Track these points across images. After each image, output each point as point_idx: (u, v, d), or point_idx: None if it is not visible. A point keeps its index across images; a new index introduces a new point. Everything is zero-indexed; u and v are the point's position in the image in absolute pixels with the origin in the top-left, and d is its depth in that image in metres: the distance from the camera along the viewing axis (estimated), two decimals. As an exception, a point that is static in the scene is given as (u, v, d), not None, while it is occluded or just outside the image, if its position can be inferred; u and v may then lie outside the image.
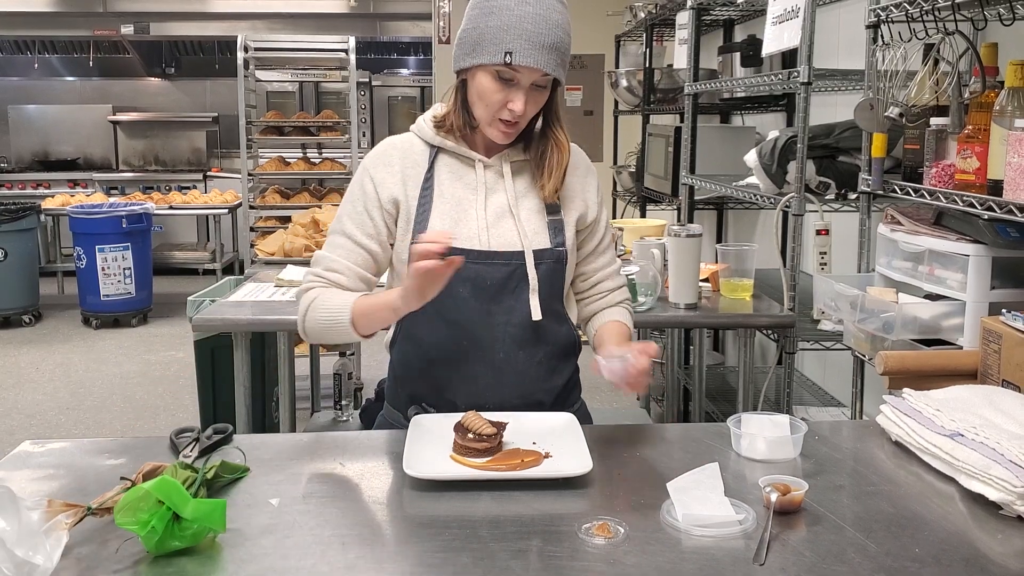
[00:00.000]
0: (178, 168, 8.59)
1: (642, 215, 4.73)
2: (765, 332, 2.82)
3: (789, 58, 3.23)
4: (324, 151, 6.35)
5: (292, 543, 1.18)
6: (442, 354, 1.65)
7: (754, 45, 3.64)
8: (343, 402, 3.77)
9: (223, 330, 2.82)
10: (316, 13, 8.01)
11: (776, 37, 2.70)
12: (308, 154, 6.07)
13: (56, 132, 8.64)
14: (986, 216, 1.79)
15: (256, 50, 5.65)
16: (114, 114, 8.66)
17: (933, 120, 1.98)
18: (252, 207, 5.59)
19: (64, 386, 5.01)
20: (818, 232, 2.62)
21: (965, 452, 1.34)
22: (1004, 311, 1.67)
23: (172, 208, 7.08)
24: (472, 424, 1.44)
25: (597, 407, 4.38)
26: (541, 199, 1.67)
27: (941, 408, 1.46)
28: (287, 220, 4.80)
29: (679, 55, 3.99)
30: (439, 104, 1.71)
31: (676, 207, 3.93)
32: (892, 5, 2.09)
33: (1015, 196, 1.65)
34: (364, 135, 8.16)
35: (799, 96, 2.53)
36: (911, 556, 1.15)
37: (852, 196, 2.55)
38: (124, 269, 6.21)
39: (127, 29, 8.15)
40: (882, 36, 2.20)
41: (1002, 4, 1.85)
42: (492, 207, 1.65)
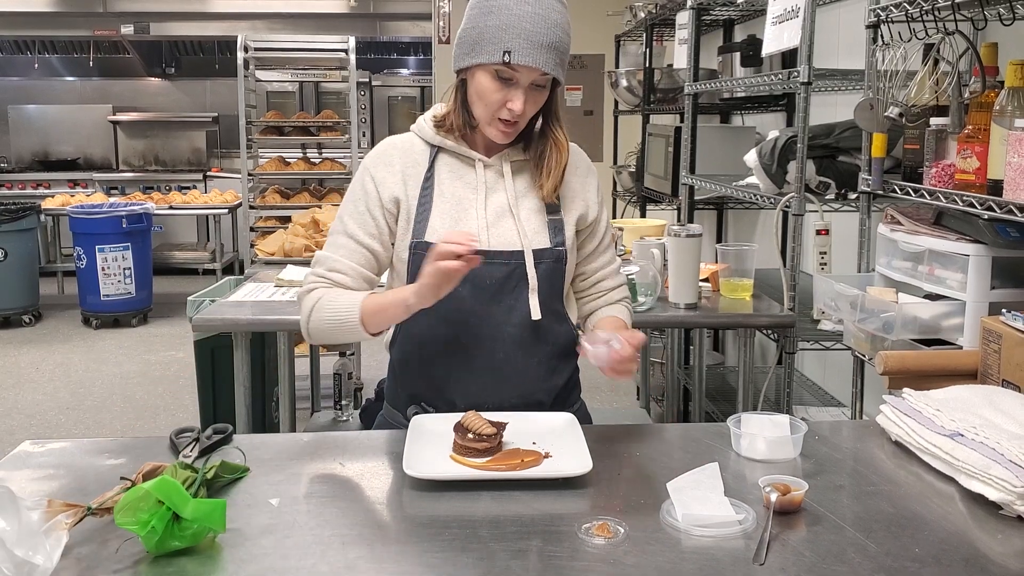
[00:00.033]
0: (178, 168, 8.58)
1: (642, 215, 4.73)
2: (765, 332, 2.82)
3: (789, 58, 3.23)
4: (324, 151, 6.34)
5: (292, 543, 1.18)
6: (442, 353, 1.65)
7: (754, 45, 3.64)
8: (343, 402, 3.77)
9: (223, 330, 2.82)
10: (316, 13, 8.01)
11: (776, 37, 2.70)
12: (308, 154, 6.07)
13: (56, 132, 8.64)
14: (986, 216, 1.79)
15: (256, 50, 5.65)
16: (114, 114, 8.66)
17: (933, 120, 1.98)
18: (252, 207, 5.59)
19: (64, 386, 5.01)
20: (818, 232, 2.62)
21: (965, 452, 1.34)
22: (1004, 311, 1.67)
23: (172, 208, 7.08)
24: (472, 424, 1.44)
25: (597, 407, 4.39)
26: (541, 199, 1.67)
27: (941, 408, 1.46)
28: (287, 220, 4.80)
29: (679, 55, 3.99)
30: (439, 104, 1.71)
31: (676, 207, 3.93)
32: (892, 5, 2.09)
33: (1015, 196, 1.65)
34: (364, 135, 8.16)
35: (799, 96, 2.53)
36: (911, 556, 1.15)
37: (852, 196, 2.55)
38: (124, 269, 6.21)
39: (127, 29, 8.16)
40: (882, 36, 2.20)
41: (1002, 4, 1.85)
42: (492, 207, 1.65)
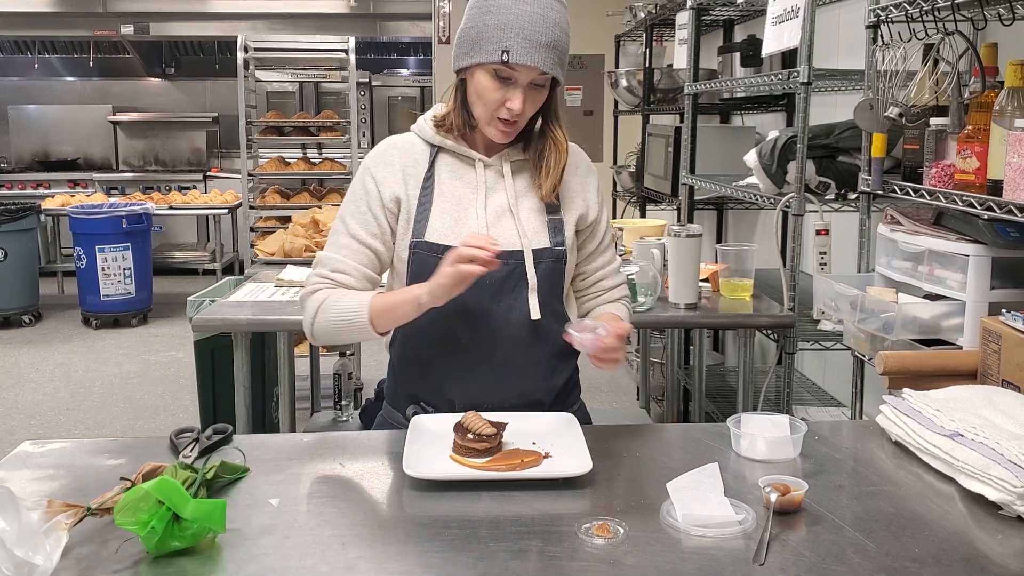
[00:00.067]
0: (178, 168, 8.58)
1: (642, 215, 4.73)
2: (765, 332, 2.82)
3: (789, 58, 3.23)
4: (324, 151, 6.35)
5: (292, 543, 1.18)
6: (441, 353, 1.65)
7: (754, 45, 3.64)
8: (343, 402, 3.77)
9: (223, 330, 2.82)
10: (316, 13, 8.01)
11: (776, 37, 2.70)
12: (308, 154, 6.07)
13: (56, 132, 8.64)
14: (986, 216, 1.79)
15: (256, 50, 5.65)
16: (114, 114, 8.66)
17: (933, 120, 1.98)
18: (252, 207, 5.59)
19: (64, 386, 5.01)
20: (818, 232, 2.62)
21: (965, 452, 1.34)
22: (1004, 311, 1.67)
23: (172, 208, 7.08)
24: (472, 424, 1.44)
25: (597, 407, 4.39)
26: (540, 198, 1.67)
27: (941, 408, 1.46)
28: (287, 220, 4.81)
29: (679, 55, 3.99)
30: (439, 104, 1.71)
31: (676, 207, 3.93)
32: (892, 5, 2.09)
33: (1015, 196, 1.65)
34: (364, 135, 8.16)
35: (799, 96, 2.53)
36: (911, 556, 1.15)
37: (852, 196, 2.55)
38: (124, 269, 6.21)
39: (127, 29, 8.16)
40: (882, 36, 2.20)
41: (1002, 4, 1.85)
42: (492, 206, 1.65)
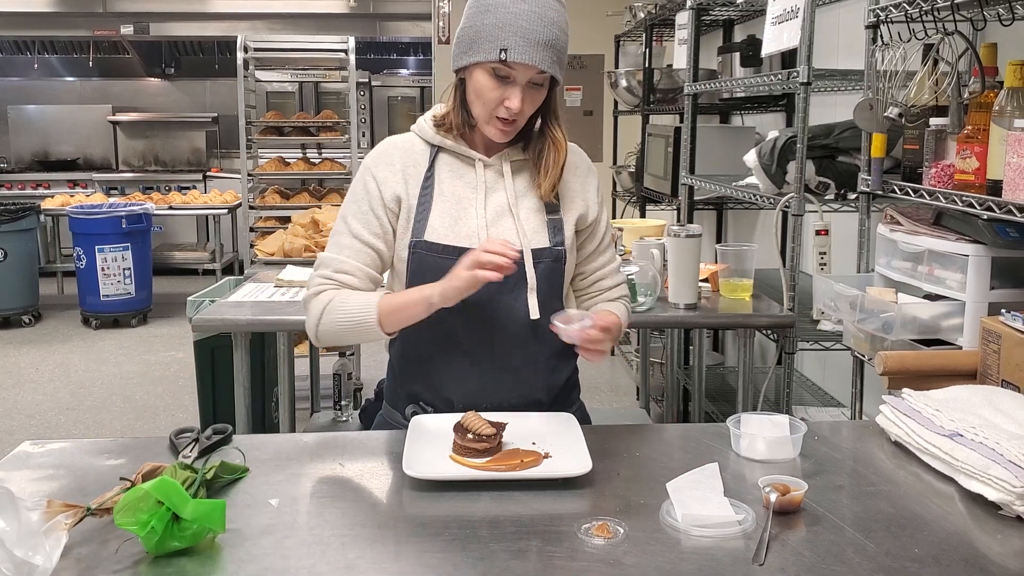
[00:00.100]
0: (178, 168, 8.58)
1: (642, 215, 4.73)
2: (765, 332, 2.82)
3: (789, 58, 3.23)
4: (324, 151, 6.34)
5: (292, 543, 1.18)
6: (440, 353, 1.65)
7: (754, 45, 3.64)
8: (343, 402, 3.77)
9: (223, 330, 2.82)
10: (316, 13, 8.01)
11: (776, 37, 2.70)
12: (308, 154, 6.07)
13: (56, 132, 8.63)
14: (985, 216, 1.79)
15: (256, 50, 5.65)
16: (114, 114, 8.66)
17: (932, 120, 1.98)
18: (252, 207, 5.59)
19: (64, 386, 5.01)
20: (818, 232, 2.62)
21: (964, 452, 1.34)
22: (1003, 311, 1.68)
23: (172, 208, 7.07)
24: (472, 424, 1.45)
25: (597, 407, 4.39)
26: (540, 197, 1.67)
27: (940, 408, 1.46)
28: (287, 220, 4.80)
29: (679, 55, 4.00)
30: (439, 104, 1.71)
31: (676, 207, 3.93)
32: (892, 5, 2.09)
33: (1014, 196, 1.65)
34: (364, 135, 8.16)
35: (799, 96, 2.53)
36: (911, 556, 1.15)
37: (851, 196, 2.55)
38: (124, 269, 6.21)
39: (127, 29, 8.16)
40: (881, 36, 2.20)
41: (1001, 4, 1.85)
42: (492, 206, 1.65)
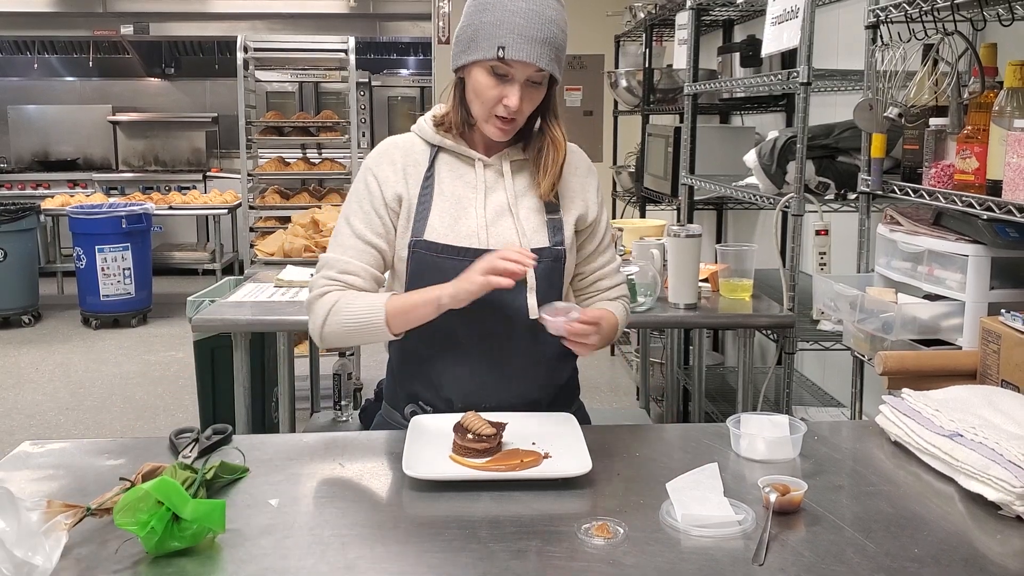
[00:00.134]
0: (178, 168, 8.58)
1: (642, 215, 4.73)
2: (765, 332, 2.82)
3: (788, 58, 3.23)
4: (324, 151, 6.34)
5: (292, 543, 1.18)
6: (440, 352, 1.65)
7: (754, 45, 3.64)
8: (343, 402, 3.77)
9: (223, 330, 2.82)
10: (316, 13, 8.01)
11: (775, 37, 2.70)
12: (308, 154, 6.07)
13: (56, 132, 8.63)
14: (985, 216, 1.79)
15: (256, 50, 5.65)
16: (114, 114, 8.66)
17: (932, 120, 1.98)
18: (252, 207, 5.59)
19: (64, 386, 5.01)
20: (817, 232, 2.62)
21: (964, 452, 1.34)
22: (1003, 311, 1.68)
23: (172, 208, 7.07)
24: (471, 424, 1.45)
25: (597, 407, 4.40)
26: (540, 197, 1.67)
27: (940, 408, 1.47)
28: (287, 220, 4.80)
29: (679, 55, 4.00)
30: (440, 104, 1.71)
31: (676, 207, 3.93)
32: (891, 5, 2.09)
33: (1014, 196, 1.65)
34: (364, 135, 8.16)
35: (798, 96, 2.53)
36: (910, 556, 1.15)
37: (851, 196, 2.55)
38: (124, 269, 6.21)
39: (127, 29, 8.16)
40: (881, 36, 2.20)
41: (1001, 4, 1.85)
42: (492, 206, 1.65)
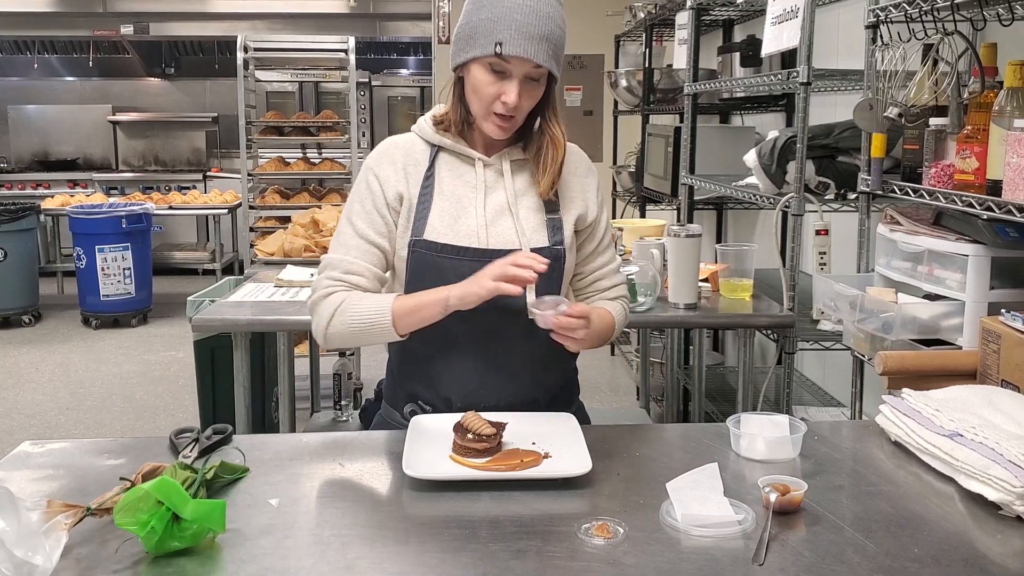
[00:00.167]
0: (178, 168, 8.58)
1: (642, 215, 4.73)
2: (765, 332, 2.82)
3: (788, 58, 3.23)
4: (324, 151, 6.35)
5: (292, 543, 1.18)
6: (439, 352, 1.65)
7: (753, 45, 3.64)
8: (343, 402, 3.77)
9: (223, 330, 2.82)
10: (316, 13, 8.01)
11: (775, 37, 2.70)
12: (308, 154, 6.07)
13: (56, 132, 8.63)
14: (985, 216, 1.79)
15: (256, 50, 5.65)
16: (114, 114, 8.66)
17: (932, 120, 1.98)
18: (252, 207, 5.59)
19: (64, 386, 5.01)
20: (817, 232, 2.62)
21: (964, 452, 1.34)
22: (1003, 311, 1.68)
23: (172, 208, 7.07)
24: (471, 424, 1.45)
25: (597, 407, 4.40)
26: (539, 195, 1.67)
27: (940, 408, 1.47)
28: (287, 220, 4.80)
29: (679, 55, 4.00)
30: (440, 104, 1.71)
31: (676, 207, 3.93)
32: (891, 5, 2.09)
33: (1014, 196, 1.65)
34: (364, 135, 8.16)
35: (798, 96, 2.53)
36: (910, 556, 1.15)
37: (851, 196, 2.55)
38: (124, 269, 6.21)
39: (127, 29, 8.16)
40: (881, 36, 2.20)
41: (1001, 4, 1.85)
42: (491, 205, 1.65)
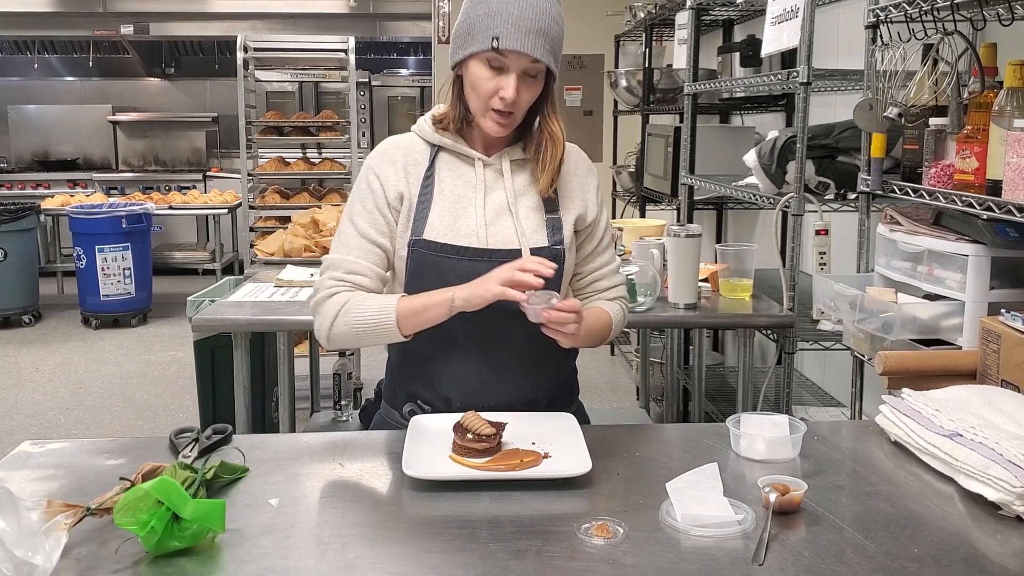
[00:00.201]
0: (178, 168, 8.58)
1: (642, 215, 4.73)
2: (765, 332, 2.82)
3: (788, 58, 3.23)
4: (324, 151, 6.35)
5: (292, 543, 1.18)
6: (439, 352, 1.65)
7: (753, 45, 3.64)
8: (343, 402, 3.77)
9: (223, 330, 2.82)
10: (316, 13, 8.01)
11: (775, 37, 2.70)
12: (308, 154, 6.07)
13: (56, 132, 8.63)
14: (985, 216, 1.79)
15: (256, 50, 5.65)
16: (114, 114, 8.66)
17: (932, 120, 1.98)
18: (252, 207, 5.59)
19: (64, 386, 5.01)
20: (817, 232, 2.62)
21: (964, 452, 1.34)
22: (1003, 311, 1.68)
23: (172, 208, 7.07)
24: (471, 424, 1.45)
25: (596, 407, 4.40)
26: (539, 193, 1.67)
27: (940, 408, 1.47)
28: (287, 220, 4.81)
29: (679, 55, 4.00)
30: (439, 105, 1.71)
31: (676, 207, 3.93)
32: (891, 5, 2.09)
33: (1014, 196, 1.65)
34: (364, 135, 8.16)
35: (798, 96, 2.53)
36: (910, 556, 1.15)
37: (851, 196, 2.55)
38: (124, 269, 6.21)
39: (127, 29, 8.16)
40: (881, 36, 2.20)
41: (1001, 4, 1.85)
42: (491, 205, 1.65)
